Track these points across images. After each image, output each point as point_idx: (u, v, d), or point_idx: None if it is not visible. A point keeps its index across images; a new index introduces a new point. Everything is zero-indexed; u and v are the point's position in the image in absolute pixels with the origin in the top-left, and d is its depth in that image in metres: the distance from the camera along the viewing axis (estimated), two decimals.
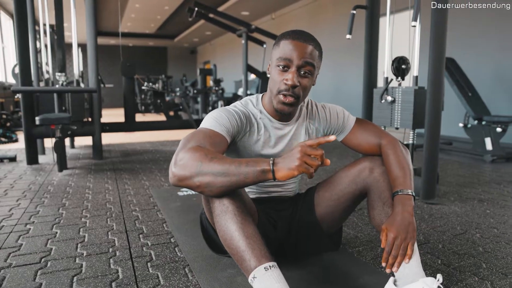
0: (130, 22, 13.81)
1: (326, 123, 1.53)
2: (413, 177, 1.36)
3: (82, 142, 5.52)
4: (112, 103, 16.40)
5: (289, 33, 1.33)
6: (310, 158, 1.01)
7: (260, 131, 1.41)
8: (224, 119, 1.28)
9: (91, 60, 3.96)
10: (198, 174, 1.06)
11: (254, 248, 1.09)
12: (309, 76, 1.32)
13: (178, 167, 1.08)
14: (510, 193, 2.87)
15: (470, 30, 5.68)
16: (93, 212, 2.34)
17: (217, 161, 1.06)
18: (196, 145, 1.13)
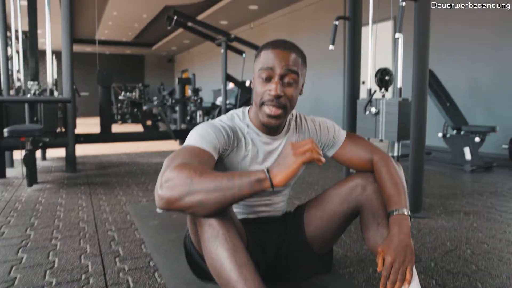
0: (107, 30, 13.58)
1: (316, 137, 1.45)
2: (407, 194, 1.29)
3: (55, 154, 5.27)
4: (87, 112, 16.04)
5: (269, 43, 1.27)
6: (303, 147, 0.98)
7: (247, 147, 1.32)
8: (211, 135, 1.18)
9: (66, 68, 3.79)
10: (189, 193, 0.96)
11: (247, 279, 0.99)
12: (294, 85, 1.25)
13: (165, 188, 0.97)
14: (493, 204, 2.87)
15: (447, 41, 5.76)
16: (65, 233, 2.18)
17: (208, 176, 0.97)
18: (183, 163, 1.03)
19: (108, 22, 12.24)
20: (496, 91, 5.25)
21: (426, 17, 2.56)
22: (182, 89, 6.76)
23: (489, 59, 5.32)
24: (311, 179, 3.73)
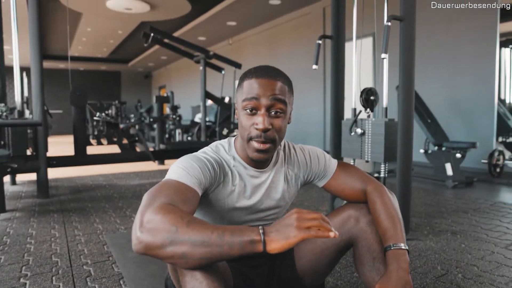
0: (81, 46, 13.32)
1: (306, 168, 1.36)
2: (403, 227, 1.23)
3: (25, 177, 4.99)
4: (61, 130, 15.66)
5: (251, 71, 1.17)
6: (309, 221, 0.87)
7: (234, 181, 1.22)
8: (196, 170, 1.08)
9: (36, 88, 3.62)
10: (172, 243, 0.86)
11: None
12: (282, 115, 1.15)
13: (146, 232, 0.87)
14: (479, 222, 2.89)
15: (427, 57, 5.85)
16: (35, 269, 2.01)
17: (196, 227, 0.87)
18: (167, 204, 0.93)
19: (82, 38, 12.02)
20: (475, 106, 5.34)
21: (411, 37, 2.55)
22: (160, 107, 6.64)
23: (468, 75, 5.42)
24: (294, 200, 3.64)
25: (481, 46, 5.22)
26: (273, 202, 1.29)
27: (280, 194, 1.30)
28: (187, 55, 6.98)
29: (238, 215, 1.24)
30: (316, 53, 3.05)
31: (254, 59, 10.69)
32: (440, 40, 5.73)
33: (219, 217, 1.24)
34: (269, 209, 1.30)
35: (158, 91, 20.17)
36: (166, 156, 5.39)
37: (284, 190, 1.31)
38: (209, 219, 1.25)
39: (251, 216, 1.27)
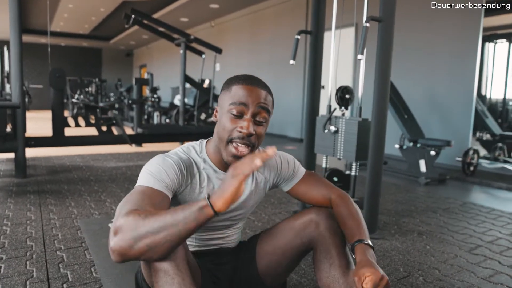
0: (62, 22, 13.01)
1: (277, 170, 1.43)
2: (367, 231, 1.29)
3: (3, 156, 4.96)
4: (41, 105, 15.29)
5: (240, 78, 1.23)
6: (241, 166, 0.94)
7: (202, 183, 1.27)
8: (163, 174, 1.14)
9: (15, 70, 3.57)
10: (136, 239, 0.92)
11: None
12: (264, 124, 1.23)
13: (115, 240, 0.93)
14: (446, 223, 2.96)
15: (405, 52, 5.90)
16: (10, 253, 2.05)
17: (151, 217, 0.94)
18: (131, 209, 0.98)
19: (64, 14, 11.75)
20: (453, 103, 5.43)
21: (389, 38, 2.57)
22: (140, 89, 6.60)
23: (445, 71, 5.49)
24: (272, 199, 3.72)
25: (462, 43, 5.27)
26: (239, 204, 1.35)
27: (246, 195, 1.36)
28: (168, 37, 6.94)
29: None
30: (294, 48, 3.09)
31: (236, 43, 10.65)
32: (420, 36, 5.78)
33: None
34: (236, 210, 1.35)
35: (139, 70, 19.92)
36: (143, 140, 5.39)
37: (252, 192, 1.37)
38: None
39: (224, 216, 1.34)
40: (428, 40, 5.68)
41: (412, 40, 5.87)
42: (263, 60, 9.42)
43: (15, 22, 3.58)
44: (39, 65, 16.66)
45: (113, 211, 2.86)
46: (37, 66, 16.62)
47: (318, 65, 3.18)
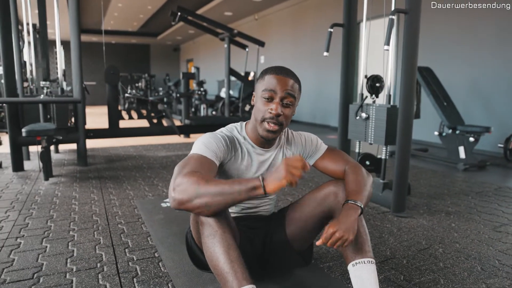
0: (113, 20, 13.75)
1: (302, 147, 1.67)
2: (368, 194, 1.47)
3: (67, 147, 5.53)
4: (94, 101, 16.03)
5: (272, 68, 1.49)
6: (294, 168, 1.16)
7: (244, 156, 1.54)
8: (213, 145, 1.42)
9: (75, 70, 3.99)
10: (197, 197, 1.19)
11: (237, 271, 1.23)
12: (291, 106, 1.48)
13: (177, 192, 1.20)
14: (476, 205, 3.02)
15: (447, 40, 5.88)
16: (80, 225, 2.44)
17: (213, 183, 1.20)
18: (191, 170, 1.26)
19: (114, 13, 12.42)
20: (496, 90, 5.36)
21: (415, 29, 2.68)
22: (187, 83, 6.96)
23: (490, 58, 5.42)
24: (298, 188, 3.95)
25: (505, 28, 5.17)
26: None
27: None
28: (213, 32, 7.21)
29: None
30: (327, 41, 3.28)
31: (279, 35, 10.80)
32: (462, 22, 5.70)
33: None
34: None
35: (186, 64, 20.44)
36: (190, 131, 5.77)
37: None
38: None
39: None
40: (471, 25, 5.61)
41: (455, 27, 5.81)
42: (305, 52, 9.55)
43: (75, 26, 4.00)
44: (92, 63, 17.59)
45: (164, 193, 3.21)
46: (90, 64, 17.53)
47: (351, 56, 3.35)
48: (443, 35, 5.97)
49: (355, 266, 1.40)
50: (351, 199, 1.42)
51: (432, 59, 5.99)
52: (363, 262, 1.39)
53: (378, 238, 2.33)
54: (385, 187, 3.01)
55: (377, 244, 2.23)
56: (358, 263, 1.39)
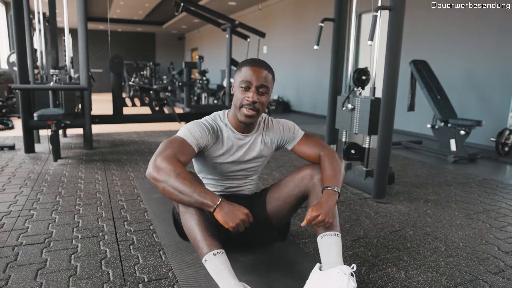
0: (119, 9, 13.92)
1: (280, 134, 1.87)
2: (342, 179, 1.67)
3: (74, 131, 5.80)
4: (100, 88, 16.21)
5: (248, 61, 1.69)
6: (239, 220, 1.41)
7: (224, 142, 1.76)
8: (197, 133, 1.64)
9: (82, 58, 4.22)
10: (164, 183, 1.44)
11: (207, 239, 1.47)
12: (265, 95, 1.68)
13: (154, 169, 1.46)
14: (456, 194, 3.16)
15: (444, 33, 5.98)
16: (85, 201, 2.70)
17: (180, 180, 1.43)
18: (172, 155, 1.49)
19: (120, 2, 12.58)
20: (491, 85, 5.43)
21: (399, 26, 2.80)
22: (189, 72, 7.16)
23: (486, 53, 5.48)
24: (285, 160, 4.18)
25: (503, 23, 5.21)
26: (251, 158, 1.82)
27: (256, 152, 1.83)
28: (215, 23, 7.36)
29: (226, 166, 1.79)
30: (318, 35, 3.46)
31: (282, 25, 10.90)
32: (459, 15, 5.76)
33: (213, 168, 1.79)
34: (248, 162, 1.83)
35: (190, 53, 20.55)
36: (191, 118, 5.98)
37: (261, 149, 1.84)
38: (206, 169, 1.81)
39: (235, 167, 1.81)
40: (468, 19, 5.68)
41: (452, 23, 5.91)
42: (306, 43, 9.67)
43: (82, 15, 4.20)
44: (98, 50, 17.80)
45: None
46: (96, 52, 17.74)
47: (341, 49, 3.52)
48: (441, 29, 6.07)
49: (323, 238, 1.60)
50: (330, 186, 1.61)
51: (430, 52, 6.11)
52: (330, 234, 1.59)
53: (355, 220, 2.52)
54: (367, 175, 3.22)
55: (352, 225, 2.43)
56: (325, 235, 1.59)
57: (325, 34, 3.53)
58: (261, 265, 1.82)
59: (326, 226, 1.55)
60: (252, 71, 1.64)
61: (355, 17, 3.40)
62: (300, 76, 10.20)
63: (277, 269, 1.79)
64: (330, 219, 1.52)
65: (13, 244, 1.96)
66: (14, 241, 2.00)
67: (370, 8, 3.48)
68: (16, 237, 2.05)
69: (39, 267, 1.74)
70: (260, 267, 1.80)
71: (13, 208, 2.51)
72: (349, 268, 1.49)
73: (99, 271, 1.72)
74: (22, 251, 1.89)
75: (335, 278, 1.46)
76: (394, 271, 1.83)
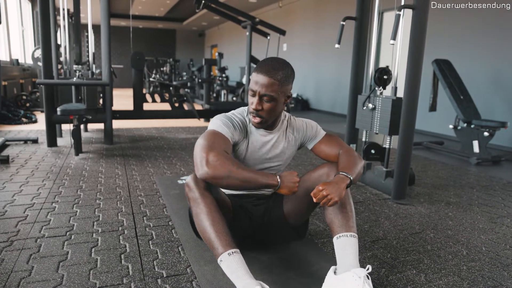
0: (140, 6, 14.07)
1: (302, 132, 1.87)
2: (357, 171, 1.63)
3: (95, 126, 5.89)
4: (122, 83, 16.22)
5: (259, 66, 1.64)
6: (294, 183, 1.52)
7: (250, 137, 1.76)
8: (231, 128, 1.66)
9: (105, 54, 4.28)
10: (227, 178, 1.46)
11: (221, 239, 1.48)
12: (272, 102, 1.64)
13: (211, 167, 1.46)
14: (479, 197, 3.09)
15: (469, 33, 5.86)
16: (106, 195, 2.74)
17: (242, 170, 1.47)
18: (222, 152, 1.52)
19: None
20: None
21: (422, 25, 2.76)
22: (209, 69, 7.19)
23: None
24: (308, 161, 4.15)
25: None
26: (274, 155, 1.82)
27: (280, 150, 1.82)
28: (236, 20, 7.38)
29: (251, 163, 1.80)
30: (339, 33, 3.43)
31: (303, 23, 10.85)
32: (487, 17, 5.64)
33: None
34: (271, 161, 1.83)
35: (210, 49, 20.64)
36: (210, 115, 6.02)
37: (284, 147, 1.84)
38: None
39: (260, 166, 1.82)
40: (495, 21, 5.56)
41: (479, 22, 5.79)
42: (327, 41, 9.60)
43: (105, 13, 4.26)
44: (119, 46, 17.99)
45: (182, 172, 3.49)
46: (117, 48, 17.94)
47: (362, 48, 3.49)
48: (465, 29, 5.96)
49: (339, 238, 1.58)
50: (343, 171, 1.59)
51: (454, 52, 5.99)
52: (346, 235, 1.57)
53: (374, 221, 2.50)
54: (387, 175, 3.18)
55: (371, 226, 2.40)
56: (341, 236, 1.58)
57: (346, 33, 3.49)
58: (278, 264, 1.82)
59: (330, 205, 1.49)
60: (258, 78, 1.62)
61: (377, 15, 3.35)
62: (319, 74, 10.14)
63: (294, 268, 1.79)
64: (335, 197, 1.46)
65: (36, 236, 2.00)
66: (37, 233, 2.05)
67: (392, 6, 3.45)
68: (38, 229, 2.09)
69: (61, 259, 1.77)
70: (277, 266, 1.80)
71: (36, 200, 2.57)
72: (364, 270, 1.47)
73: (118, 265, 1.75)
74: (44, 243, 1.93)
75: (350, 282, 1.45)
76: (414, 274, 1.80)
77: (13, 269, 1.67)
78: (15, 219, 2.23)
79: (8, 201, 2.53)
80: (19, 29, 10.10)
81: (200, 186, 1.58)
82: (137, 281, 1.61)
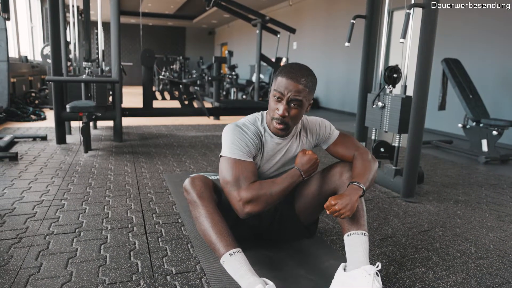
0: (150, 3, 14.12)
1: (317, 133, 1.85)
2: (371, 178, 1.65)
3: (104, 124, 5.95)
4: (131, 81, 16.35)
5: (285, 69, 1.60)
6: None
7: (265, 147, 1.74)
8: (246, 147, 1.64)
9: (114, 52, 4.31)
10: (267, 203, 1.57)
11: (222, 240, 1.51)
12: (298, 108, 1.61)
13: (250, 205, 1.54)
14: (487, 196, 3.09)
15: (478, 32, 5.81)
16: (115, 192, 2.76)
17: (274, 189, 1.57)
18: (248, 182, 1.57)
19: None
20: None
21: (432, 24, 2.76)
22: (218, 67, 7.21)
23: None
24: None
25: None
26: (288, 160, 1.80)
27: (293, 154, 1.80)
28: (246, 18, 7.37)
29: (266, 170, 1.78)
30: (349, 32, 3.42)
31: (313, 22, 10.82)
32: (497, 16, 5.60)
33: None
34: (285, 165, 1.81)
35: (220, 47, 20.64)
36: (219, 113, 6.04)
37: (298, 151, 1.81)
38: None
39: (274, 172, 1.80)
40: (505, 21, 5.51)
41: (489, 22, 5.73)
42: (337, 39, 9.57)
43: (115, 10, 4.29)
44: (129, 44, 18.10)
45: (191, 169, 3.50)
46: (127, 45, 18.05)
47: (372, 46, 3.48)
48: (475, 28, 5.90)
49: (349, 236, 1.58)
50: (356, 181, 1.59)
51: (463, 51, 5.95)
52: (357, 233, 1.58)
53: (383, 219, 2.50)
54: (396, 174, 3.17)
55: (381, 224, 2.41)
56: (352, 234, 1.58)
57: (356, 31, 3.48)
58: (288, 261, 1.83)
59: (342, 218, 1.51)
60: (286, 83, 1.56)
61: (387, 14, 3.34)
62: (329, 73, 10.10)
63: (304, 265, 1.79)
64: (347, 212, 1.48)
65: (45, 233, 2.03)
66: (46, 230, 2.07)
67: (402, 5, 3.42)
68: (47, 226, 2.12)
69: (70, 256, 1.79)
70: (287, 263, 1.80)
71: (45, 197, 2.59)
72: (374, 267, 1.47)
73: (128, 262, 1.76)
74: (53, 240, 1.96)
75: (359, 279, 1.45)
76: (422, 271, 1.80)
77: (22, 266, 1.69)
78: (24, 216, 2.26)
79: (16, 198, 2.56)
80: (28, 26, 10.20)
81: (197, 188, 1.61)
82: (146, 278, 1.63)
